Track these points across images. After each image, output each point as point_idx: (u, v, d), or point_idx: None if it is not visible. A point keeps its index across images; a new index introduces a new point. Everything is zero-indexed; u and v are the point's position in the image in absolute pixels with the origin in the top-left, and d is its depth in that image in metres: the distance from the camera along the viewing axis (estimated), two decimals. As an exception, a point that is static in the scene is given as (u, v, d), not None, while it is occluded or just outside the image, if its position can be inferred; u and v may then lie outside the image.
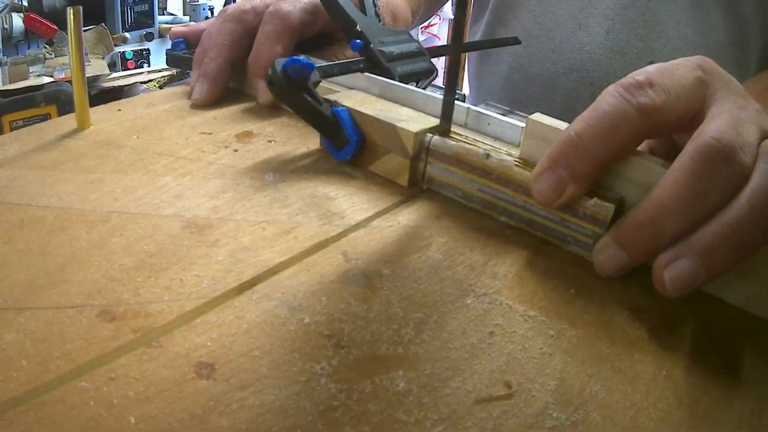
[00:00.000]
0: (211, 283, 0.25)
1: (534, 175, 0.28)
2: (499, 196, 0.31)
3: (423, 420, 0.20)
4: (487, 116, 0.35)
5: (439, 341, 0.24)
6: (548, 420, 0.21)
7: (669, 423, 0.21)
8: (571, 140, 0.27)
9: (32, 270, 0.25)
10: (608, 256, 0.28)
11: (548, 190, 0.28)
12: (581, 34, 0.64)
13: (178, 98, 0.46)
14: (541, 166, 0.28)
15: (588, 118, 0.27)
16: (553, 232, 0.30)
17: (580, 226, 0.29)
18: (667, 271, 0.25)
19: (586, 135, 0.27)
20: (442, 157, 0.33)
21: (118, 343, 0.22)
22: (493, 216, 0.32)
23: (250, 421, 0.19)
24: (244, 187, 0.33)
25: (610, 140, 0.27)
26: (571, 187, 0.27)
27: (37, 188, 0.31)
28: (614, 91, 0.27)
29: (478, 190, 0.32)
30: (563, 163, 0.27)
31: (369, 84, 0.40)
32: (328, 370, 0.22)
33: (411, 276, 0.27)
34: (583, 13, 0.64)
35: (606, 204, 0.28)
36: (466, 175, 0.32)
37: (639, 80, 0.27)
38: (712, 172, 0.25)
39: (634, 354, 0.24)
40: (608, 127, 0.26)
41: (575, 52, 0.65)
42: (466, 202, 0.33)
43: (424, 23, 3.07)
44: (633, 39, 0.61)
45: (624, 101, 0.27)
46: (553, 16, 0.66)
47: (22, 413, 0.19)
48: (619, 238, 0.27)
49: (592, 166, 0.27)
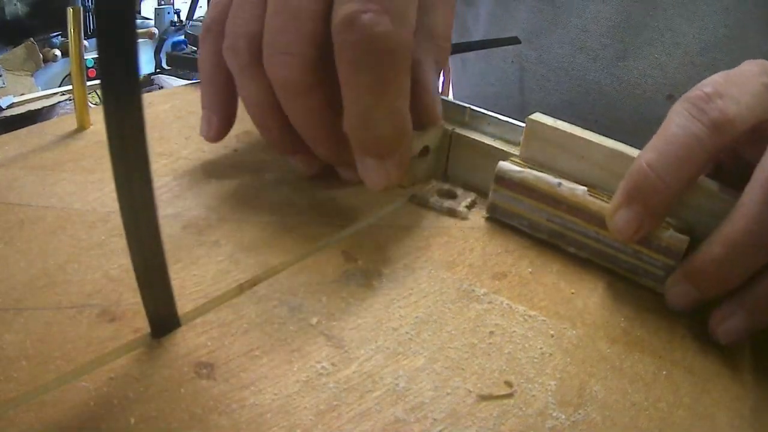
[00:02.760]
0: (211, 283, 0.25)
1: (610, 211, 0.27)
2: (569, 227, 0.30)
3: (423, 420, 0.20)
4: (487, 116, 0.35)
5: (439, 341, 0.24)
6: (548, 420, 0.21)
7: (669, 423, 0.21)
8: (644, 173, 0.26)
9: (32, 270, 0.25)
10: (679, 292, 0.27)
11: (626, 227, 0.27)
12: (582, 59, 0.54)
13: (178, 98, 0.46)
14: (616, 201, 0.27)
15: (658, 145, 0.26)
16: (625, 264, 0.29)
17: (653, 258, 0.28)
18: (721, 327, 0.26)
19: (659, 166, 0.25)
20: (510, 184, 0.31)
21: (118, 343, 0.22)
22: (561, 246, 0.30)
23: (250, 421, 0.19)
24: (244, 187, 0.33)
25: (685, 168, 0.25)
26: (649, 221, 0.26)
27: (37, 188, 0.31)
28: (682, 109, 0.26)
29: (547, 219, 0.30)
30: (639, 198, 0.26)
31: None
32: (328, 370, 0.22)
33: (411, 276, 0.27)
34: (584, 32, 0.53)
35: (680, 236, 0.27)
36: (535, 204, 0.30)
37: (707, 92, 0.25)
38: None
39: (634, 354, 0.24)
40: (681, 153, 0.25)
41: (575, 81, 0.55)
42: (533, 232, 0.31)
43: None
44: (648, 67, 0.52)
45: (694, 120, 0.25)
46: (547, 35, 0.56)
47: (22, 413, 0.19)
48: (690, 275, 0.26)
49: (669, 199, 0.26)
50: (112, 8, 0.15)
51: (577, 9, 0.55)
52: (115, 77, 0.16)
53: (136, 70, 0.17)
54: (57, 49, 1.80)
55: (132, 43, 0.16)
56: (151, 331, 0.22)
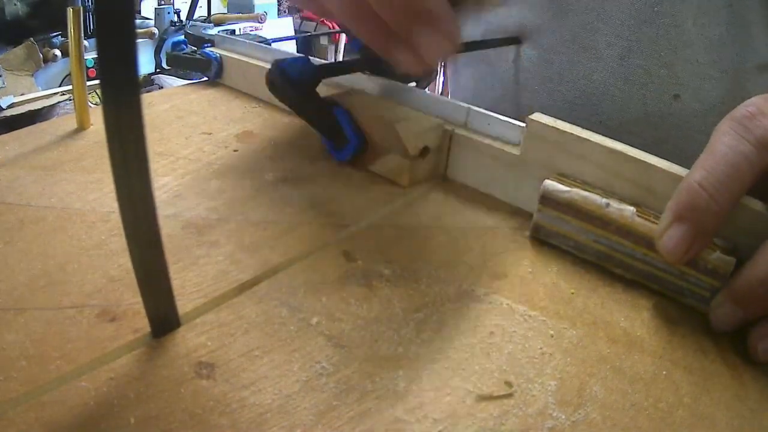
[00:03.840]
0: (211, 283, 0.25)
1: (660, 230, 0.27)
2: (617, 248, 0.29)
3: (423, 420, 0.20)
4: (487, 116, 0.35)
5: (439, 341, 0.24)
6: (548, 420, 0.21)
7: (669, 423, 0.21)
8: (695, 192, 0.26)
9: (32, 270, 0.25)
10: (724, 313, 0.27)
11: (676, 248, 0.26)
12: (587, 59, 0.53)
13: (178, 98, 0.46)
14: (666, 221, 0.27)
15: (707, 163, 0.26)
16: (671, 285, 0.28)
17: (699, 280, 0.27)
18: (761, 344, 0.25)
19: (709, 185, 0.25)
20: (555, 205, 0.30)
21: (118, 343, 0.22)
22: (608, 268, 0.29)
23: (250, 421, 0.19)
24: (244, 187, 0.33)
25: (734, 186, 0.25)
26: (699, 241, 0.26)
27: (37, 188, 0.31)
28: (728, 128, 0.26)
29: (594, 241, 0.29)
30: (689, 217, 0.26)
31: (369, 84, 0.40)
32: (329, 370, 0.22)
33: (411, 276, 0.27)
34: (588, 30, 0.52)
35: (727, 258, 0.26)
36: (582, 225, 0.30)
37: (751, 111, 0.26)
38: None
39: (634, 354, 0.24)
40: (730, 171, 0.25)
41: (580, 82, 0.53)
42: (579, 254, 0.30)
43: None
44: (654, 65, 0.50)
45: (741, 139, 0.25)
46: (549, 34, 0.55)
47: (22, 413, 0.19)
48: (735, 296, 0.26)
49: (719, 217, 0.26)
50: (112, 8, 0.15)
51: (580, 6, 0.54)
52: (115, 77, 0.16)
53: (136, 70, 0.17)
54: (57, 49, 1.80)
55: (132, 43, 0.16)
56: (151, 331, 0.22)
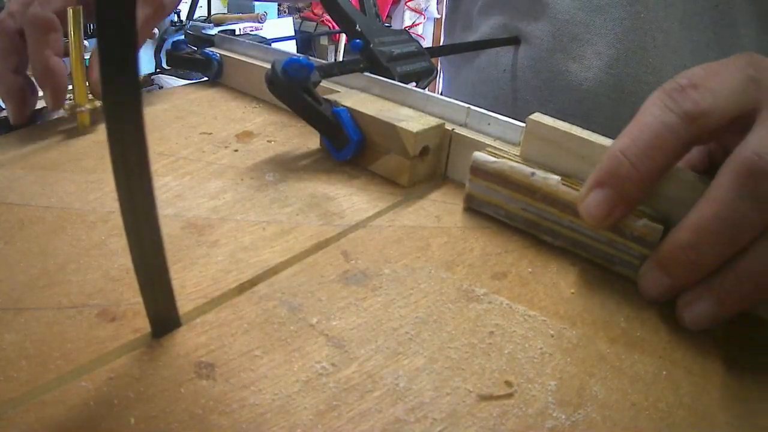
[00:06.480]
0: (211, 283, 0.25)
1: (581, 195, 0.27)
2: (545, 216, 0.30)
3: (423, 420, 0.20)
4: (487, 116, 0.35)
5: (439, 341, 0.24)
6: (548, 420, 0.21)
7: (669, 423, 0.21)
8: (616, 159, 0.26)
9: (32, 270, 0.25)
10: (651, 280, 0.27)
11: (596, 210, 0.27)
12: (576, 69, 0.54)
13: (178, 98, 0.46)
14: (588, 186, 0.27)
15: (631, 133, 0.26)
16: (600, 253, 0.29)
17: (627, 247, 0.28)
18: (686, 311, 0.26)
19: (631, 153, 0.26)
20: (485, 175, 0.31)
21: (118, 343, 0.22)
22: (538, 236, 0.31)
23: (250, 421, 0.19)
24: (244, 187, 0.33)
25: (657, 155, 0.25)
26: (620, 206, 0.26)
27: (37, 188, 0.31)
28: (657, 99, 0.26)
29: (523, 209, 0.31)
30: (610, 183, 0.26)
31: (369, 84, 0.40)
32: (329, 370, 0.22)
33: (411, 276, 0.27)
34: (577, 41, 0.53)
35: (655, 225, 0.27)
36: (510, 194, 0.31)
37: (682, 84, 0.26)
38: (751, 191, 0.23)
39: (634, 354, 0.24)
40: (654, 141, 0.25)
41: (570, 92, 0.54)
42: (509, 222, 0.31)
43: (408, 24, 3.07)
44: (643, 72, 0.52)
45: (667, 110, 0.25)
46: (539, 45, 0.56)
47: (22, 413, 0.19)
48: (659, 262, 0.26)
49: (640, 185, 0.26)
50: (112, 8, 0.15)
51: (569, 18, 0.54)
52: (115, 77, 0.16)
53: (137, 71, 0.17)
54: (57, 49, 1.79)
55: (132, 43, 0.16)
56: (151, 331, 0.22)
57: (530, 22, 0.56)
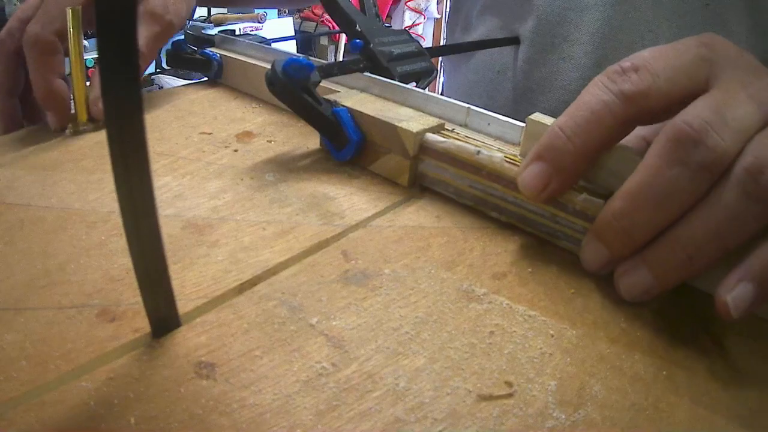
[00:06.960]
0: (211, 283, 0.25)
1: (520, 169, 0.28)
2: (491, 192, 0.31)
3: (423, 420, 0.20)
4: (487, 116, 0.35)
5: (439, 341, 0.24)
6: (548, 420, 0.21)
7: (669, 423, 0.21)
8: (554, 133, 0.27)
9: (32, 270, 0.25)
10: (591, 251, 0.28)
11: (533, 182, 0.28)
12: (566, 68, 0.54)
13: (178, 98, 0.47)
14: (526, 160, 0.28)
15: (570, 111, 0.27)
16: (544, 227, 0.30)
17: (570, 222, 0.29)
18: (622, 281, 0.26)
19: (568, 128, 0.27)
20: (435, 153, 0.33)
21: (118, 343, 0.22)
22: (485, 212, 0.32)
23: (250, 421, 0.19)
24: (244, 187, 0.33)
25: (593, 131, 0.26)
26: (556, 179, 0.27)
27: (37, 188, 0.31)
28: (598, 80, 0.27)
29: (470, 186, 0.32)
30: (547, 156, 0.27)
31: (369, 84, 0.40)
32: (329, 370, 0.22)
33: (411, 276, 0.27)
34: (566, 41, 0.54)
35: (595, 200, 0.28)
36: (458, 172, 0.32)
37: (624, 66, 0.27)
38: (679, 158, 0.24)
39: (634, 354, 0.24)
40: (590, 118, 0.26)
41: (559, 91, 0.55)
42: (458, 199, 0.33)
43: (408, 24, 3.07)
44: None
45: (606, 90, 0.26)
46: (529, 45, 0.56)
47: (22, 413, 0.19)
48: (597, 232, 0.27)
49: (576, 158, 0.27)
50: (112, 8, 0.15)
51: (558, 18, 0.54)
52: (115, 77, 0.16)
53: (137, 71, 0.17)
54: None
55: (132, 43, 0.16)
56: (151, 331, 0.22)
57: (522, 23, 0.57)
